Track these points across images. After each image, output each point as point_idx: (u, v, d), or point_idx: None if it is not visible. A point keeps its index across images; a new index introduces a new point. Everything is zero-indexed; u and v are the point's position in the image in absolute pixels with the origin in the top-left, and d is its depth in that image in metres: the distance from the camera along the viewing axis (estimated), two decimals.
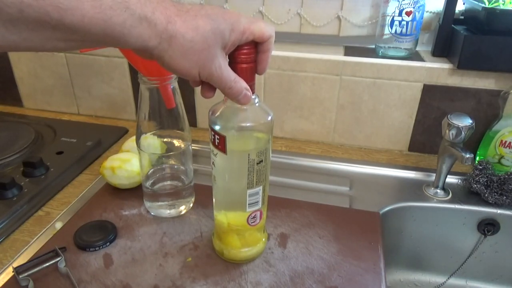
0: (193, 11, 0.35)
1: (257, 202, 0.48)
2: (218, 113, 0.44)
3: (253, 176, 0.45)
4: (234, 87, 0.39)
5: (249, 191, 0.46)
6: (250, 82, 0.41)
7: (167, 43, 0.33)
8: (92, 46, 0.32)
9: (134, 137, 0.62)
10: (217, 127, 0.43)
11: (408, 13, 0.74)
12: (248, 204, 0.47)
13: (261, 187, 0.47)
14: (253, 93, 0.41)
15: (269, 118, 0.44)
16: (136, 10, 0.30)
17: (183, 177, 0.61)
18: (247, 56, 0.39)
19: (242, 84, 0.39)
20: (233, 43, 0.37)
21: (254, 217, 0.49)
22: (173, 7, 0.33)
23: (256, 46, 0.39)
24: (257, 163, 0.44)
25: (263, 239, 0.54)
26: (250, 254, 0.52)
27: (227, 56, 0.39)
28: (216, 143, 0.43)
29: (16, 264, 0.51)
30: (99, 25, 0.29)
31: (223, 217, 0.50)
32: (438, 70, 0.74)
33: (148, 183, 0.61)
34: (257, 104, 0.43)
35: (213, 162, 0.46)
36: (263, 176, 0.46)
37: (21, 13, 0.26)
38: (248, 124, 0.43)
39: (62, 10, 0.27)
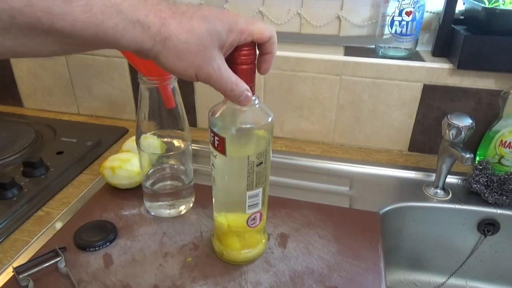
0: (189, 12, 0.34)
1: (257, 204, 0.47)
2: (217, 114, 0.43)
3: (253, 178, 0.45)
4: (236, 89, 0.38)
5: (249, 193, 0.46)
6: (251, 83, 0.40)
7: (161, 45, 0.33)
8: (88, 49, 0.33)
9: (134, 137, 0.62)
10: (216, 129, 0.43)
11: (408, 13, 0.74)
12: (248, 206, 0.47)
13: (261, 189, 0.46)
14: (253, 94, 0.41)
15: (269, 119, 0.44)
16: (128, 14, 0.30)
17: (183, 177, 0.61)
18: (247, 57, 0.39)
19: (243, 85, 0.39)
20: (231, 43, 0.37)
21: (254, 219, 0.49)
22: (168, 10, 0.33)
23: (255, 47, 0.39)
24: (257, 165, 0.44)
25: (263, 241, 0.54)
26: (250, 256, 0.52)
27: (226, 57, 0.39)
28: (216, 145, 0.43)
29: (16, 264, 0.51)
30: (91, 30, 0.29)
31: (222, 218, 0.50)
32: (438, 70, 0.74)
33: (148, 183, 0.61)
34: (257, 105, 0.43)
35: (212, 163, 0.46)
36: (263, 178, 0.46)
37: (13, 19, 0.27)
38: (248, 126, 0.43)
39: (53, 16, 0.27)
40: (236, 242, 0.51)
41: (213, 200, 0.51)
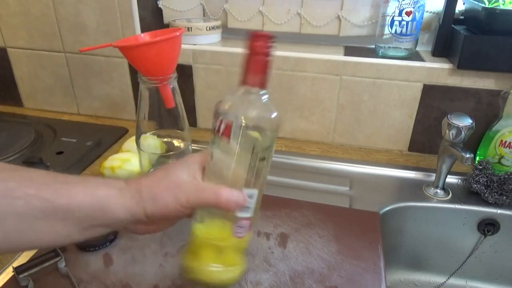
0: (152, 173, 0.41)
1: (250, 207, 0.42)
2: (226, 103, 0.41)
3: (254, 173, 0.42)
4: (225, 194, 0.40)
5: (246, 191, 0.41)
6: (265, 75, 0.40)
7: (141, 199, 0.38)
8: (91, 230, 0.37)
9: (134, 137, 0.62)
10: (223, 116, 0.40)
11: (408, 13, 0.74)
12: None
13: (257, 191, 0.42)
14: (265, 87, 0.41)
15: (277, 115, 0.42)
16: (115, 184, 0.38)
17: None
18: (266, 48, 0.39)
19: (229, 190, 0.40)
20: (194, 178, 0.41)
21: (241, 226, 0.43)
22: (140, 178, 0.40)
23: (272, 39, 0.39)
24: (260, 160, 0.41)
25: (243, 266, 0.44)
26: (224, 278, 0.43)
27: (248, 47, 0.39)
28: (221, 131, 0.40)
29: (16, 264, 0.51)
30: (87, 200, 0.36)
31: (203, 226, 0.43)
32: (438, 70, 0.74)
33: None
34: (265, 100, 0.42)
35: (211, 153, 0.42)
36: (261, 179, 0.43)
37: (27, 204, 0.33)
38: (258, 115, 0.41)
39: (60, 196, 0.34)
40: (211, 254, 0.43)
41: None
